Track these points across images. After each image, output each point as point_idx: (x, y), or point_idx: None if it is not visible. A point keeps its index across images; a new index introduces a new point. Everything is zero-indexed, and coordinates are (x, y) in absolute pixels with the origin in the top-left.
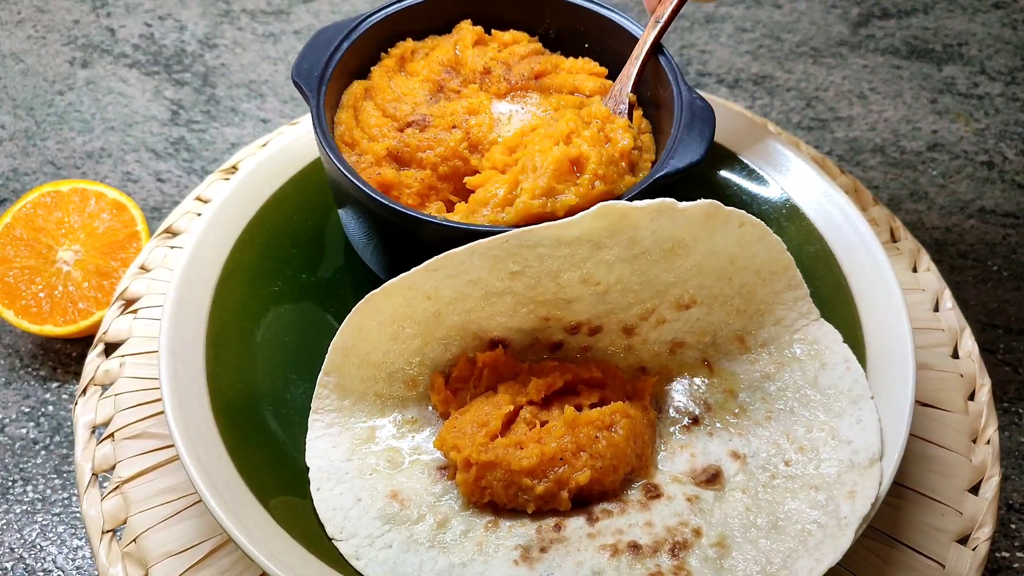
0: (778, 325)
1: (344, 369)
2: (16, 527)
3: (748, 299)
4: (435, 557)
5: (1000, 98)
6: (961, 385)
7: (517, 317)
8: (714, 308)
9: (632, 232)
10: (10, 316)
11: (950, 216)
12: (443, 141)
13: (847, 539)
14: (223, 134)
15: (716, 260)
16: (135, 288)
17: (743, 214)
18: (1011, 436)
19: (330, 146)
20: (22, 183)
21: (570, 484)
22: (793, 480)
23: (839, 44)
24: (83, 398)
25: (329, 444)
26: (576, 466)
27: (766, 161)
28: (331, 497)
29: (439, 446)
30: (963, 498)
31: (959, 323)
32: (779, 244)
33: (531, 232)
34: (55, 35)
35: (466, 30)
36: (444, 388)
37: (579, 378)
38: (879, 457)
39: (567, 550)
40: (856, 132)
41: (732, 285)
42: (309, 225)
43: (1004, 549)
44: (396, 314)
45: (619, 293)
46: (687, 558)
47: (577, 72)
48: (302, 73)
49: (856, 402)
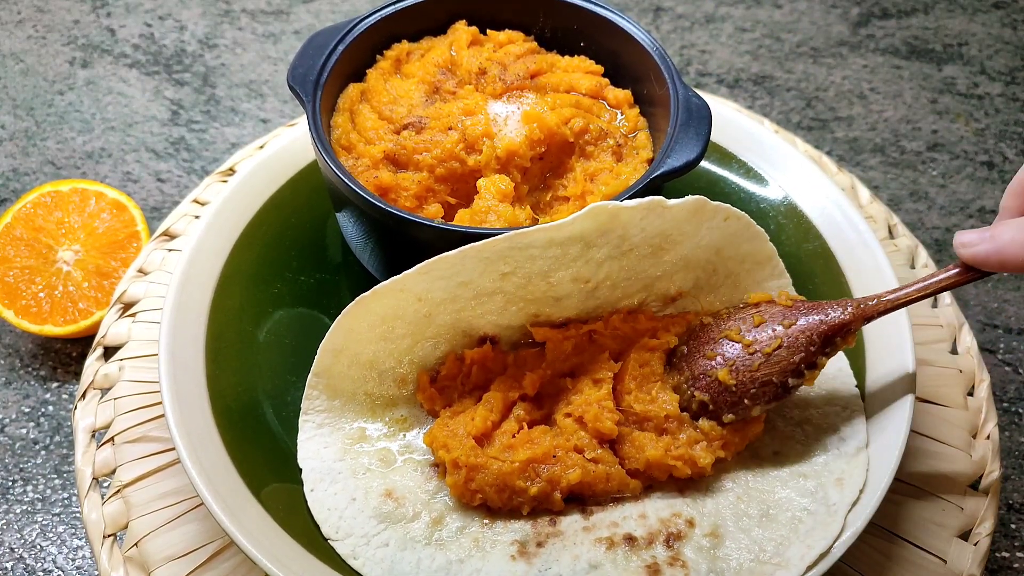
0: None
1: (334, 370)
2: (16, 527)
3: (733, 289)
4: (432, 554)
5: (1000, 98)
6: (960, 381)
7: (507, 315)
8: (700, 299)
9: (622, 231)
10: (10, 316)
11: (950, 216)
12: (440, 143)
13: (837, 525)
14: (223, 134)
15: (702, 253)
16: (133, 291)
17: (728, 207)
18: (1011, 436)
19: (327, 151)
20: (22, 183)
21: (562, 483)
22: (782, 469)
23: (839, 44)
24: (83, 402)
25: (321, 445)
26: (568, 464)
27: (764, 159)
28: (325, 497)
29: (428, 443)
30: (964, 494)
31: (958, 319)
32: (763, 235)
33: (523, 234)
34: (55, 35)
35: (461, 31)
36: (429, 386)
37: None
38: (865, 445)
39: (564, 544)
40: (856, 132)
41: (718, 276)
42: (307, 227)
43: (1004, 549)
44: (386, 315)
45: (608, 289)
46: (682, 548)
47: (573, 71)
48: (297, 77)
49: (841, 391)
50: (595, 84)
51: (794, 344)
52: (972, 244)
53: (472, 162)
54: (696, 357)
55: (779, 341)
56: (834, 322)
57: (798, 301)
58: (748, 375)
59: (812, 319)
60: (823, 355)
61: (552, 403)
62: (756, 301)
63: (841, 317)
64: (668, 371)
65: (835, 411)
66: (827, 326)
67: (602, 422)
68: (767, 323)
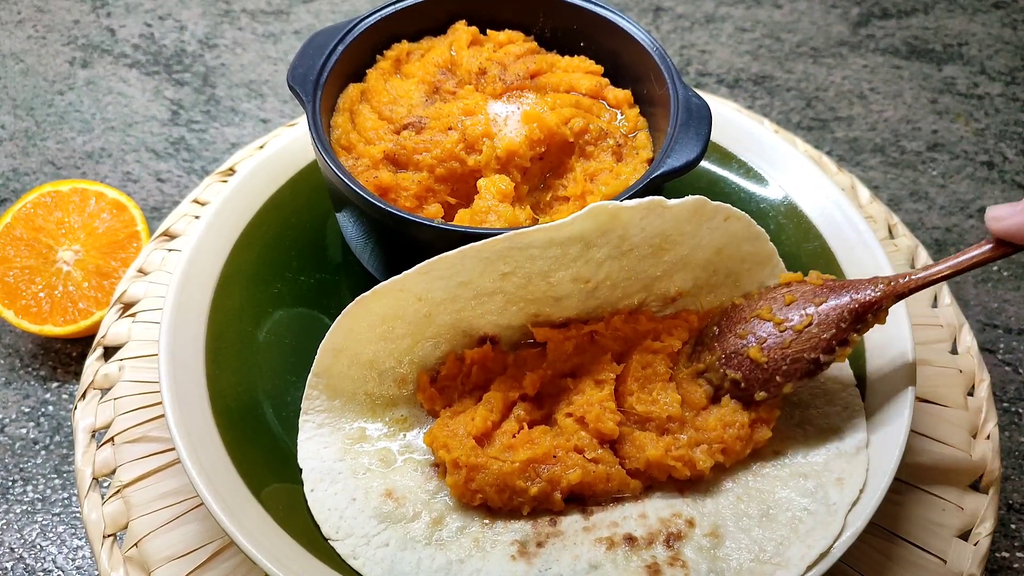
0: None
1: (334, 370)
2: (16, 527)
3: (733, 289)
4: (432, 554)
5: (1000, 98)
6: (960, 381)
7: (507, 315)
8: (700, 299)
9: (622, 231)
10: (10, 316)
11: (950, 216)
12: (439, 143)
13: (837, 525)
14: (223, 134)
15: (702, 252)
16: (133, 291)
17: (729, 207)
18: (1011, 436)
19: (327, 151)
20: (22, 183)
21: (562, 484)
22: (782, 469)
23: (839, 44)
24: (83, 402)
25: (321, 445)
26: (568, 464)
27: (764, 159)
28: (326, 497)
29: (428, 442)
30: (964, 494)
31: (958, 319)
32: (763, 235)
33: (523, 234)
34: (55, 35)
35: (461, 31)
36: (429, 386)
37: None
38: (865, 444)
39: (564, 544)
40: (856, 132)
41: (718, 275)
42: (308, 227)
43: (1004, 549)
44: (386, 315)
45: (607, 289)
46: (682, 548)
47: (573, 71)
48: (297, 77)
49: (841, 390)
50: (595, 84)
51: (825, 321)
52: (1004, 217)
53: (472, 162)
54: (728, 336)
55: (809, 319)
56: (865, 300)
57: (829, 280)
58: (779, 352)
59: (843, 298)
60: (855, 331)
61: (552, 403)
62: (787, 281)
63: (872, 295)
64: (699, 351)
65: (835, 411)
66: (857, 304)
67: (604, 422)
68: (798, 302)
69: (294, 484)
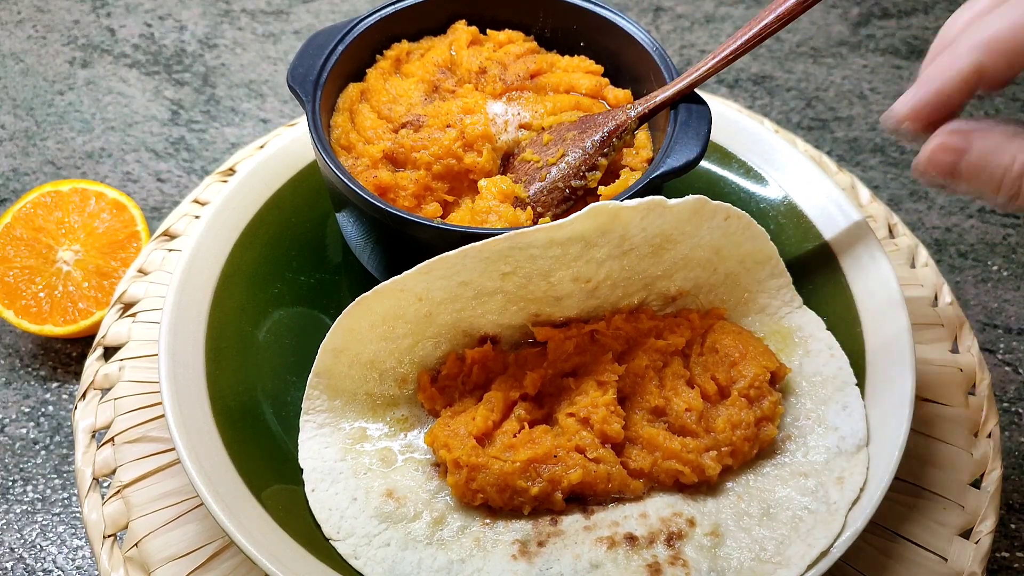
0: (762, 313)
1: (335, 370)
2: (16, 527)
3: (732, 288)
4: (433, 554)
5: (1000, 98)
6: (961, 380)
7: (507, 314)
8: (700, 298)
9: (623, 230)
10: (10, 316)
11: (950, 216)
12: (437, 140)
13: (837, 524)
14: (223, 134)
15: (702, 252)
16: (133, 291)
17: (729, 207)
18: (1011, 436)
19: (326, 151)
20: (22, 183)
21: (563, 483)
22: (782, 468)
23: (839, 44)
24: (83, 402)
25: (322, 444)
26: (569, 464)
27: (764, 159)
28: (326, 497)
29: (429, 442)
30: (965, 492)
31: (958, 318)
32: (763, 234)
33: (524, 234)
34: (55, 35)
35: (461, 30)
36: (430, 386)
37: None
38: (866, 443)
39: (565, 543)
40: (856, 132)
41: (717, 275)
42: (308, 227)
43: (1004, 549)
44: (387, 315)
45: (608, 288)
46: (683, 548)
47: (573, 71)
48: (297, 78)
49: (841, 389)
50: (595, 84)
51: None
52: None
53: (469, 160)
54: None
55: (562, 152)
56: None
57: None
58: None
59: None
60: (602, 156)
61: (553, 403)
62: None
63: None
64: None
65: (835, 410)
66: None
67: (610, 425)
68: (554, 140)
69: (294, 484)
